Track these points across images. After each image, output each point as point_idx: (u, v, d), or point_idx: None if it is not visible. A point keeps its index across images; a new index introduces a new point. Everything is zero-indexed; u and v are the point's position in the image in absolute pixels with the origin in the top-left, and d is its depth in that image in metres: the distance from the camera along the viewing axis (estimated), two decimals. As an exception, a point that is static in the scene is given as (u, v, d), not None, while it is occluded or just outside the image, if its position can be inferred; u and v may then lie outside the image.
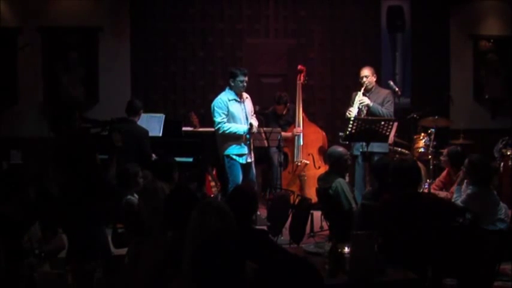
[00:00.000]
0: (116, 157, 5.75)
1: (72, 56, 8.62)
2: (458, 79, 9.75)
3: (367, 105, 7.10)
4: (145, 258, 3.39)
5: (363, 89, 7.19)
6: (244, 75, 6.92)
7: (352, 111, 7.07)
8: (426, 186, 6.84)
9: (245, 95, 7.07)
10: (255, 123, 7.10)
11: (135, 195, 4.89)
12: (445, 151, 6.89)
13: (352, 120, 6.75)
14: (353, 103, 7.23)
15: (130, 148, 6.99)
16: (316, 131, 8.20)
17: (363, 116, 7.09)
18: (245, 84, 6.93)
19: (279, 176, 7.52)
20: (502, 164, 7.89)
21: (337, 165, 6.30)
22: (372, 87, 7.28)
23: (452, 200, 5.66)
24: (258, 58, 9.19)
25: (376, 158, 6.74)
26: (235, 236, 2.90)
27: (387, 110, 7.13)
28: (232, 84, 6.91)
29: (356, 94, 7.26)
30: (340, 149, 6.36)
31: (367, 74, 7.25)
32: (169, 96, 9.07)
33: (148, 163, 6.78)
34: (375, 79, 7.34)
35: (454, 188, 5.99)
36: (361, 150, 6.95)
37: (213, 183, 7.89)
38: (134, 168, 5.43)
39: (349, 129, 6.71)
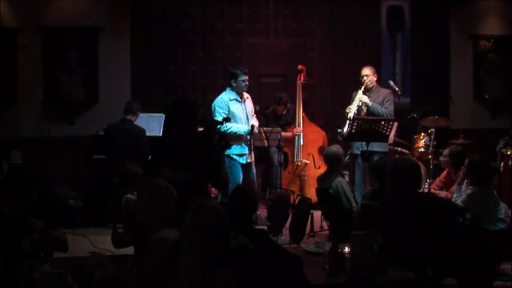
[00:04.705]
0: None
1: (72, 56, 8.60)
2: (458, 79, 9.74)
3: (367, 104, 7.12)
4: (146, 258, 3.40)
5: (363, 87, 7.22)
6: (245, 74, 6.94)
7: (352, 109, 7.11)
8: (426, 186, 6.85)
9: (246, 95, 7.09)
10: (256, 123, 7.11)
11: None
12: (446, 151, 6.89)
13: (353, 120, 6.77)
14: (353, 101, 7.26)
15: (129, 147, 7.02)
16: (316, 131, 8.21)
17: (362, 114, 7.11)
18: (247, 83, 6.95)
19: (279, 176, 7.52)
20: (502, 164, 7.89)
21: (335, 165, 6.34)
22: (372, 87, 7.29)
23: (452, 200, 5.67)
24: (258, 58, 9.18)
25: (375, 157, 6.75)
26: (230, 235, 2.91)
27: (387, 109, 7.14)
28: (235, 84, 6.92)
29: (356, 93, 7.28)
30: (335, 148, 6.41)
31: (367, 73, 7.27)
32: (169, 96, 9.06)
33: (146, 162, 6.81)
34: (375, 79, 7.36)
35: (454, 188, 6.00)
36: (361, 149, 6.96)
37: (212, 183, 7.89)
38: (134, 168, 5.44)
39: (349, 128, 6.74)
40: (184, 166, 4.37)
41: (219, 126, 6.47)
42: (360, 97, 7.15)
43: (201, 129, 6.18)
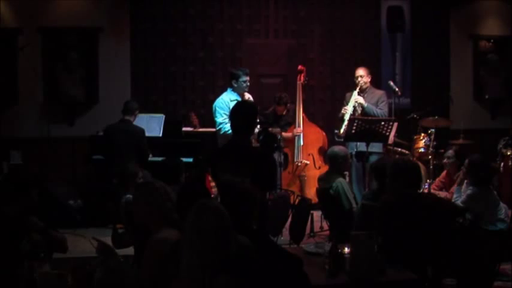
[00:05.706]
0: None
1: (72, 56, 8.60)
2: (458, 79, 9.75)
3: (362, 105, 7.16)
4: (145, 258, 3.40)
5: (358, 88, 7.27)
6: (246, 75, 6.94)
7: (348, 110, 7.16)
8: (426, 186, 6.85)
9: (247, 95, 7.08)
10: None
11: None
12: (450, 152, 6.87)
13: (352, 121, 6.78)
14: (347, 103, 7.31)
15: (129, 148, 7.03)
16: (316, 131, 8.20)
17: (357, 115, 7.15)
18: (248, 83, 6.95)
19: (279, 176, 7.52)
20: (502, 164, 7.90)
21: (337, 165, 6.33)
22: (366, 88, 7.36)
23: (452, 200, 5.67)
24: (258, 58, 9.18)
25: (371, 157, 6.78)
26: (231, 235, 2.91)
27: (381, 110, 7.22)
28: (235, 85, 6.91)
29: (350, 94, 7.33)
30: (339, 148, 6.40)
31: (362, 74, 7.34)
32: (169, 96, 9.06)
33: (146, 162, 6.81)
34: (369, 79, 7.43)
35: (454, 188, 6.00)
36: (356, 149, 7.00)
37: (213, 184, 7.88)
38: (134, 168, 5.44)
39: (347, 128, 6.75)
40: (244, 170, 4.33)
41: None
42: (355, 98, 7.21)
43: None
